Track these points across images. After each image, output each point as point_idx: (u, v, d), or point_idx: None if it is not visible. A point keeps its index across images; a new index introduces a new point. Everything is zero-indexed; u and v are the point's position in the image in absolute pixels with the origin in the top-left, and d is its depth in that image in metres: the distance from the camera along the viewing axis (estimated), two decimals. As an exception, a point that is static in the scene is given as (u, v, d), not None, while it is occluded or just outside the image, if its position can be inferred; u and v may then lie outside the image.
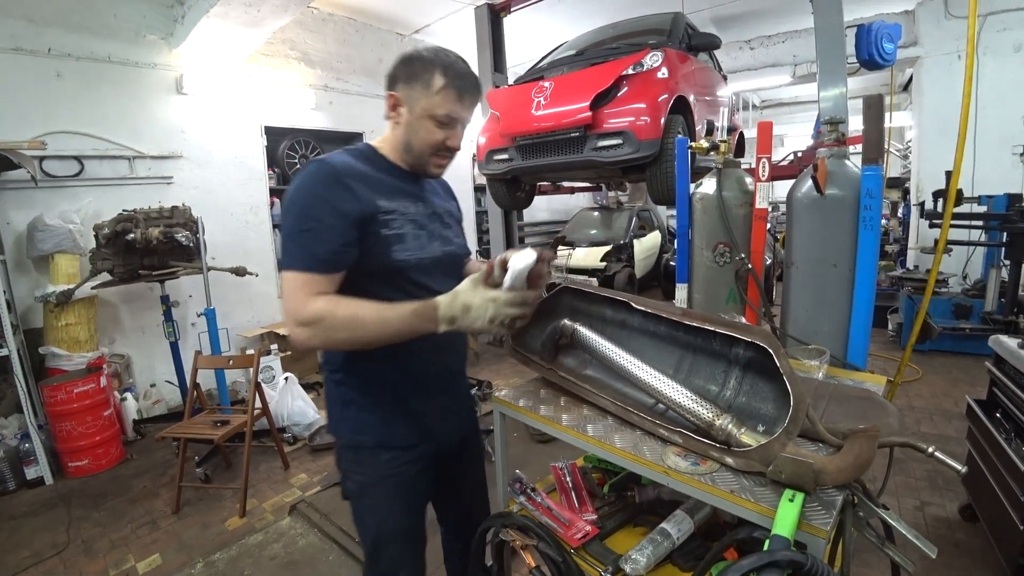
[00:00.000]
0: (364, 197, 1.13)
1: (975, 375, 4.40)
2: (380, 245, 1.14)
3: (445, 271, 1.29)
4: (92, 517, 3.00)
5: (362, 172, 1.16)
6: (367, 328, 1.05)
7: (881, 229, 7.20)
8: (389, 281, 1.18)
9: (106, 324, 4.19)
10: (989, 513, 2.31)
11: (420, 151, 1.20)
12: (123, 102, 4.19)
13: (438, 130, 1.18)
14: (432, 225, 1.27)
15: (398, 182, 1.24)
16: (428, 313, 1.05)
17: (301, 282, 1.07)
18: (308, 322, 1.04)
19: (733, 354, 1.09)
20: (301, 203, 1.09)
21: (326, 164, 1.12)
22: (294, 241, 1.08)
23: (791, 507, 0.76)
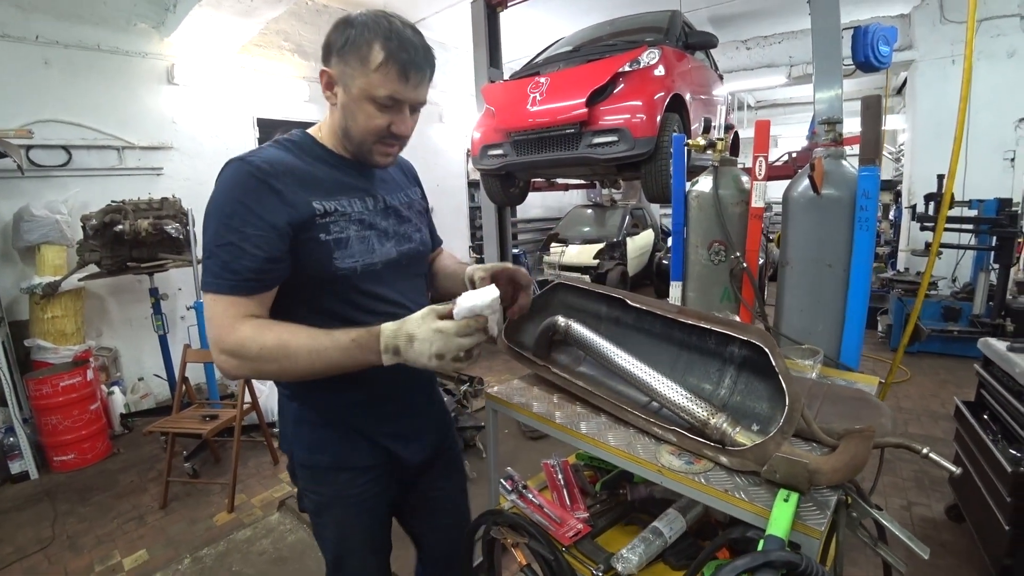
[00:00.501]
0: (295, 199, 0.96)
1: (962, 377, 4.44)
2: (319, 253, 1.00)
3: (402, 274, 1.15)
4: (77, 512, 2.97)
5: (292, 168, 0.99)
6: (299, 360, 0.91)
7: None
8: (334, 292, 1.04)
9: (93, 317, 4.14)
10: (975, 513, 2.33)
11: (360, 139, 1.03)
12: (112, 91, 4.13)
13: (380, 114, 0.99)
14: (384, 223, 1.11)
15: (339, 175, 1.07)
16: (370, 343, 0.91)
17: (224, 305, 0.93)
18: (232, 351, 0.91)
19: (728, 353, 1.09)
20: (220, 212, 0.93)
21: (246, 163, 0.95)
22: (214, 258, 0.93)
23: (786, 507, 0.75)
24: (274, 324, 0.94)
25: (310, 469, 1.16)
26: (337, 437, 1.13)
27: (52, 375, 3.39)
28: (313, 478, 1.16)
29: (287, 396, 1.17)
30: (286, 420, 1.18)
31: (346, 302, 1.04)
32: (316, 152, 1.07)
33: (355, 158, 1.08)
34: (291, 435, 1.17)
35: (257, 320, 0.94)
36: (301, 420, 1.14)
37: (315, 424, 1.13)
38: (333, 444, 1.13)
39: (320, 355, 0.91)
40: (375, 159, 1.08)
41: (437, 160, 7.11)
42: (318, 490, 1.17)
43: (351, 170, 1.09)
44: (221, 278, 0.92)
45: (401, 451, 1.19)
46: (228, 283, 0.92)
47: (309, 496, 1.19)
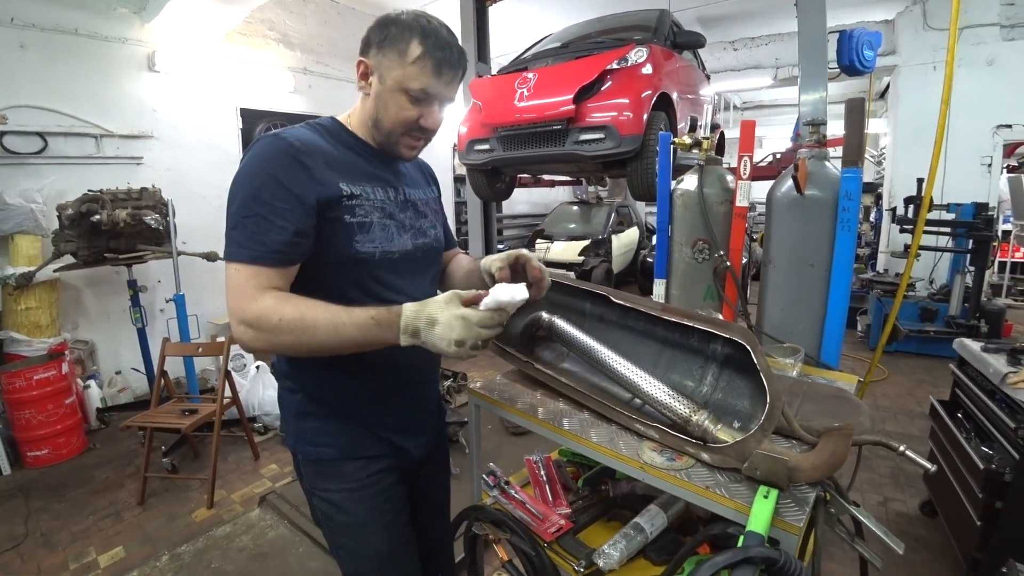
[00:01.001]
0: (325, 178, 0.99)
1: (938, 376, 4.55)
2: (342, 234, 1.01)
3: (417, 266, 1.16)
4: (52, 509, 2.90)
5: (324, 149, 1.02)
6: (317, 333, 0.90)
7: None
8: (351, 276, 1.04)
9: (69, 309, 4.04)
10: (948, 509, 2.39)
11: (390, 129, 1.05)
12: (91, 78, 4.02)
13: (411, 106, 1.02)
14: (403, 215, 1.12)
15: (364, 162, 1.09)
16: (390, 321, 0.90)
17: (247, 275, 0.93)
18: (252, 322, 0.91)
19: (711, 350, 1.09)
20: (250, 184, 0.94)
21: (280, 139, 0.97)
22: (241, 228, 0.94)
23: (765, 504, 0.76)
24: (295, 297, 0.94)
25: (315, 463, 1.13)
26: (342, 428, 1.12)
27: (26, 368, 3.30)
28: (319, 473, 1.13)
29: (289, 389, 1.15)
30: (288, 414, 1.16)
31: (360, 287, 1.05)
32: (344, 138, 1.09)
33: (381, 148, 1.10)
34: (294, 430, 1.14)
35: (279, 292, 0.95)
36: (304, 413, 1.13)
37: (319, 416, 1.12)
38: (338, 435, 1.12)
39: (339, 330, 0.90)
40: (401, 151, 1.10)
41: (424, 154, 7.04)
42: (327, 487, 1.13)
43: (376, 159, 1.11)
44: (247, 248, 0.93)
45: (407, 444, 1.19)
46: (253, 253, 0.93)
47: (318, 497, 1.15)
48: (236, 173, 0.98)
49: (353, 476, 1.12)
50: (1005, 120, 5.76)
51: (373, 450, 1.14)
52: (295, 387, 1.13)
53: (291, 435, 1.16)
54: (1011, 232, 7.28)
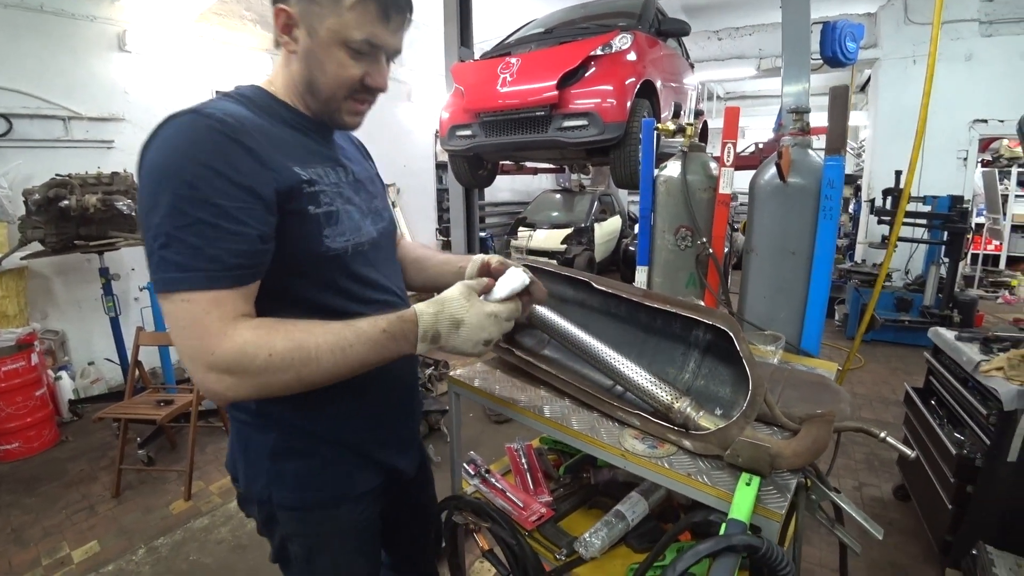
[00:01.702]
0: (275, 163, 0.79)
1: (912, 364, 4.65)
2: (307, 230, 0.82)
3: (385, 254, 1.02)
4: (23, 503, 2.82)
5: (259, 125, 0.81)
6: (321, 363, 0.73)
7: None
8: (323, 279, 0.87)
9: (38, 298, 3.90)
10: (921, 493, 2.45)
11: (329, 93, 0.86)
12: (58, 57, 3.86)
13: (353, 63, 0.83)
14: (358, 197, 0.95)
15: (304, 139, 0.89)
16: (404, 330, 0.78)
17: (204, 306, 0.71)
18: (229, 366, 0.71)
19: (693, 337, 1.08)
20: (174, 183, 0.70)
21: (204, 116, 0.74)
22: (177, 244, 0.70)
23: (748, 491, 0.75)
24: (275, 321, 0.75)
25: (299, 511, 0.95)
26: (333, 463, 0.95)
27: (-8, 359, 3.19)
28: (304, 520, 0.96)
29: (256, 427, 0.93)
30: (256, 458, 0.93)
31: (334, 290, 0.88)
32: (275, 110, 0.88)
33: (318, 117, 0.91)
34: (266, 475, 0.92)
35: (253, 320, 0.75)
36: (283, 453, 0.92)
37: (304, 454, 0.93)
38: (329, 474, 0.95)
39: (346, 353, 0.75)
40: (343, 119, 0.91)
41: (405, 140, 6.96)
42: (314, 532, 0.97)
43: (315, 134, 0.92)
44: (194, 269, 0.70)
45: (400, 463, 1.06)
46: (206, 275, 0.71)
47: (297, 542, 0.98)
48: (146, 171, 0.73)
49: (345, 518, 0.98)
50: (981, 115, 5.88)
51: (369, 483, 1.00)
52: (265, 423, 0.92)
53: (259, 482, 0.93)
54: (983, 225, 7.46)
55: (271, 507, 0.95)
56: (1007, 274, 7.65)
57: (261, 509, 0.97)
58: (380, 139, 6.46)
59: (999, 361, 1.97)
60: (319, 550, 0.98)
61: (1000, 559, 1.80)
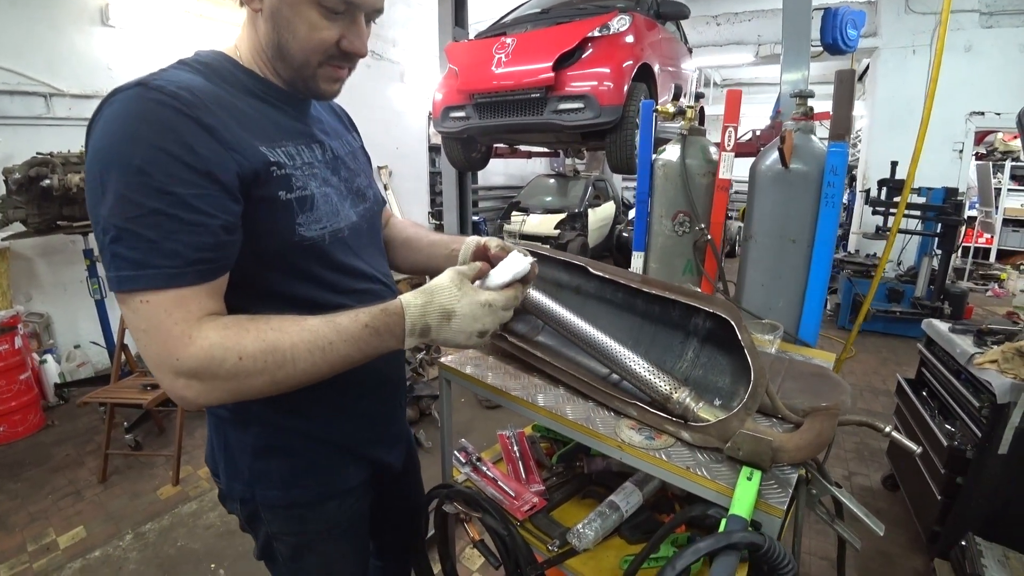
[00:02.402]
0: (238, 142, 0.70)
1: (902, 355, 4.68)
2: (278, 217, 0.75)
3: (367, 239, 0.94)
4: (7, 488, 2.78)
5: (219, 98, 0.72)
6: (298, 364, 0.68)
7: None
8: (297, 270, 0.79)
9: (20, 280, 3.82)
10: (910, 484, 2.46)
11: (302, 59, 0.77)
12: (37, 31, 3.72)
13: (326, 23, 0.74)
14: (335, 177, 0.87)
15: (274, 112, 0.80)
16: (390, 324, 0.71)
17: (166, 306, 0.64)
18: (196, 372, 0.65)
19: (692, 325, 1.05)
20: (122, 170, 0.62)
21: (155, 90, 0.65)
22: (130, 238, 0.63)
23: (749, 486, 0.73)
24: (245, 320, 0.69)
25: (285, 509, 0.91)
26: (317, 461, 0.91)
27: (-26, 342, 3.13)
28: (290, 518, 0.92)
29: (236, 423, 0.87)
30: (237, 455, 0.88)
31: (312, 281, 0.81)
32: (238, 79, 0.78)
33: (290, 86, 0.82)
34: (248, 473, 0.88)
35: (219, 318, 0.68)
36: (267, 450, 0.87)
37: (289, 451, 0.88)
38: (316, 470, 0.90)
39: (326, 353, 0.69)
40: (319, 86, 0.81)
41: (397, 122, 6.85)
42: (300, 530, 0.93)
43: (286, 106, 0.83)
44: (150, 267, 0.63)
45: (388, 457, 1.02)
46: (165, 272, 0.64)
47: (282, 540, 0.93)
48: (90, 153, 0.66)
49: (333, 515, 0.94)
50: (978, 107, 5.86)
51: (355, 479, 0.96)
52: (245, 420, 0.86)
53: (241, 480, 0.89)
54: (976, 218, 7.49)
55: (254, 505, 0.90)
56: (997, 267, 7.72)
57: (244, 507, 0.92)
58: (372, 121, 6.35)
59: (993, 354, 1.97)
60: (306, 548, 0.94)
61: (988, 550, 1.81)
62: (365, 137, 1.13)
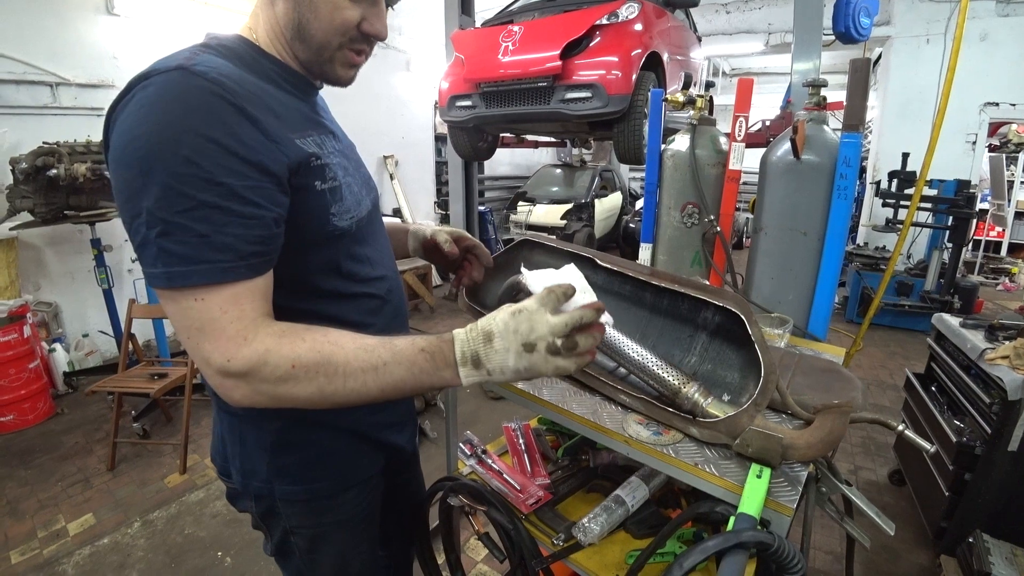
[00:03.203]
0: (278, 133, 0.69)
1: (910, 349, 4.64)
2: (315, 207, 0.74)
3: (377, 227, 0.94)
4: (18, 476, 2.82)
5: (255, 87, 0.70)
6: (349, 380, 0.66)
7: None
8: (323, 259, 0.79)
9: (29, 269, 3.84)
10: (917, 479, 2.45)
11: (323, 40, 0.75)
12: (43, 20, 3.71)
13: (349, 3, 0.73)
14: (352, 166, 0.86)
15: (299, 102, 0.80)
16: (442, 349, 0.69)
17: (220, 303, 0.63)
18: (248, 372, 0.63)
19: (701, 319, 1.04)
20: (168, 160, 0.59)
21: (197, 76, 0.63)
22: (179, 232, 0.60)
23: (759, 484, 0.71)
24: (303, 329, 0.67)
25: (305, 503, 0.90)
26: (338, 451, 0.90)
27: (-17, 331, 3.15)
28: (309, 511, 0.91)
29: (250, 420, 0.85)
30: (252, 451, 0.87)
31: (336, 272, 0.81)
32: (261, 65, 0.76)
33: (306, 69, 0.80)
34: (267, 470, 0.87)
35: (276, 324, 0.67)
36: (285, 445, 0.86)
37: (303, 445, 0.87)
38: (335, 462, 0.90)
39: (379, 373, 0.66)
40: (336, 71, 0.80)
41: (403, 111, 6.80)
42: (317, 522, 0.92)
43: (302, 94, 0.82)
44: (203, 262, 0.61)
45: (400, 440, 1.02)
46: (220, 267, 0.62)
47: (300, 534, 0.93)
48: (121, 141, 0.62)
49: (350, 505, 0.94)
50: (992, 98, 5.74)
51: (372, 467, 0.97)
52: (261, 415, 0.84)
53: (258, 477, 0.87)
54: (987, 211, 7.39)
55: (272, 501, 0.89)
56: (1008, 261, 7.61)
57: (259, 503, 0.91)
58: (378, 110, 6.31)
59: (1005, 349, 1.95)
60: (323, 540, 0.94)
61: (996, 547, 1.80)
62: (371, 125, 1.15)
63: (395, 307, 0.94)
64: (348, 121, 1.04)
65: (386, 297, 0.91)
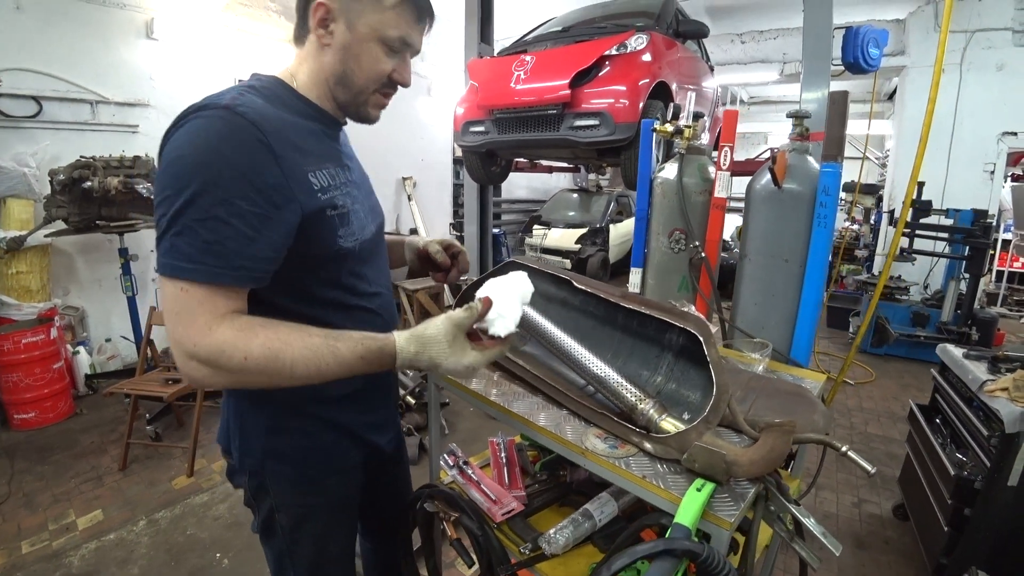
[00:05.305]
0: (296, 171, 0.82)
1: (925, 381, 4.51)
2: (324, 231, 0.87)
3: (379, 249, 1.08)
4: (36, 470, 2.94)
5: (284, 126, 0.83)
6: (295, 373, 0.77)
7: (852, 234, 7.34)
8: (328, 274, 0.92)
9: (60, 274, 4.04)
10: (919, 513, 2.40)
11: (361, 86, 0.90)
12: (87, 43, 3.97)
13: (387, 58, 0.89)
14: (360, 194, 1.00)
15: (323, 137, 0.94)
16: (382, 362, 0.81)
17: (198, 298, 0.74)
18: (207, 360, 0.74)
19: (667, 339, 1.08)
20: (200, 174, 0.73)
21: (237, 115, 0.76)
22: (189, 234, 0.73)
23: (697, 497, 0.75)
24: (258, 325, 0.77)
25: (290, 483, 1.01)
26: (324, 441, 1.01)
27: (14, 332, 3.32)
28: (295, 492, 1.02)
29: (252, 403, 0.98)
30: (250, 432, 0.98)
31: (336, 286, 0.94)
32: (298, 107, 0.91)
33: (344, 110, 0.96)
34: (261, 449, 0.98)
35: (238, 319, 0.77)
36: (278, 429, 0.98)
37: (297, 430, 0.99)
38: (320, 449, 1.01)
39: (320, 371, 0.78)
40: (368, 112, 0.96)
41: (423, 134, 7.00)
42: (300, 502, 1.03)
43: (331, 128, 0.97)
44: (199, 262, 0.73)
45: (381, 441, 1.12)
46: (210, 270, 0.74)
47: (284, 512, 1.02)
48: (170, 155, 0.76)
49: (332, 491, 1.05)
50: (1011, 127, 5.67)
51: (353, 459, 1.07)
52: (261, 400, 0.97)
53: (254, 456, 0.99)
54: (1011, 241, 7.22)
55: (263, 478, 1.00)
56: (1034, 293, 7.40)
57: (252, 479, 1.02)
58: (399, 132, 6.50)
59: (1004, 381, 1.92)
60: (305, 520, 1.04)
61: (992, 584, 1.76)
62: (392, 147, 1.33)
63: (386, 321, 1.05)
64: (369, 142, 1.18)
65: (379, 311, 1.03)
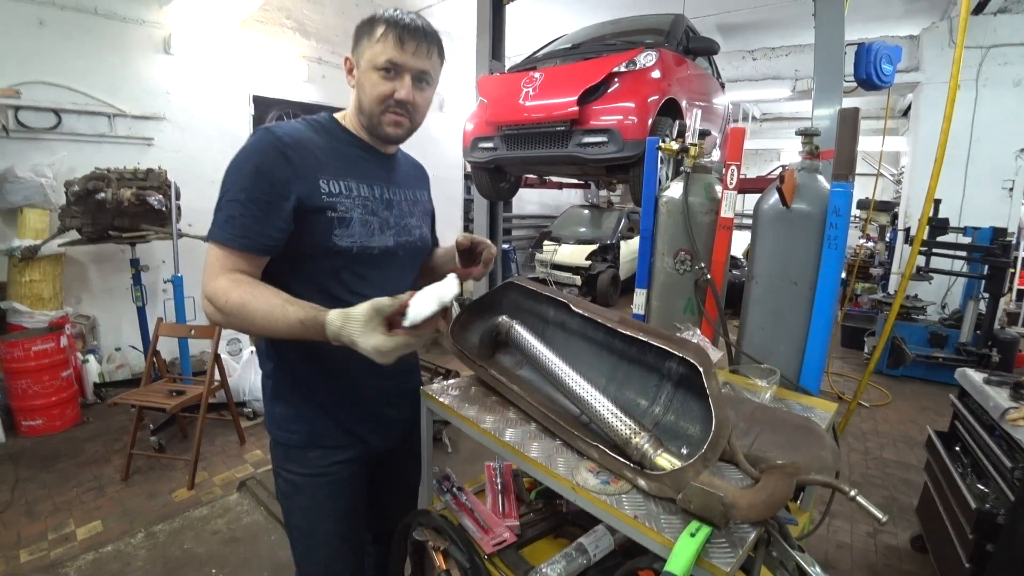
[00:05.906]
0: (307, 175, 1.06)
1: (943, 404, 4.39)
2: (321, 228, 1.08)
3: (399, 264, 1.22)
4: (39, 478, 2.95)
5: (313, 145, 1.09)
6: (255, 322, 0.97)
7: (866, 251, 7.21)
8: (328, 267, 1.11)
9: (73, 283, 4.09)
10: (938, 546, 2.30)
11: (370, 108, 1.12)
12: (106, 57, 4.06)
13: (383, 81, 1.08)
14: (387, 212, 1.19)
15: (357, 159, 1.17)
16: (317, 329, 0.95)
17: (216, 254, 1.02)
18: (208, 297, 1.00)
19: (666, 368, 1.04)
20: (236, 171, 1.03)
21: (271, 133, 1.06)
22: (221, 211, 1.03)
23: (690, 542, 0.70)
24: (245, 283, 1.00)
25: (283, 447, 1.21)
26: (307, 416, 1.18)
27: (25, 339, 3.36)
28: (286, 456, 1.21)
29: (267, 373, 1.22)
30: (265, 397, 1.23)
31: (336, 279, 1.11)
32: (338, 134, 1.16)
33: (370, 133, 1.16)
34: (268, 412, 1.22)
35: (236, 275, 1.01)
36: (275, 398, 1.20)
37: (287, 402, 1.19)
38: (303, 422, 1.18)
39: (273, 325, 0.96)
40: (386, 130, 1.13)
41: (434, 148, 7.03)
42: (290, 469, 1.20)
43: (369, 155, 1.18)
44: (221, 229, 1.01)
45: (371, 439, 1.24)
46: (225, 235, 1.01)
47: (282, 476, 1.22)
48: (231, 160, 1.07)
49: (314, 463, 1.19)
50: (1029, 144, 5.56)
51: (335, 441, 1.20)
52: (271, 371, 1.20)
53: (268, 417, 1.24)
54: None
55: (271, 438, 1.23)
56: (1059, 314, 7.17)
57: (269, 437, 1.24)
58: (410, 147, 6.48)
59: (1026, 410, 1.84)
60: (296, 490, 1.21)
61: (1015, 627, 1.66)
62: None
63: None
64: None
65: None
